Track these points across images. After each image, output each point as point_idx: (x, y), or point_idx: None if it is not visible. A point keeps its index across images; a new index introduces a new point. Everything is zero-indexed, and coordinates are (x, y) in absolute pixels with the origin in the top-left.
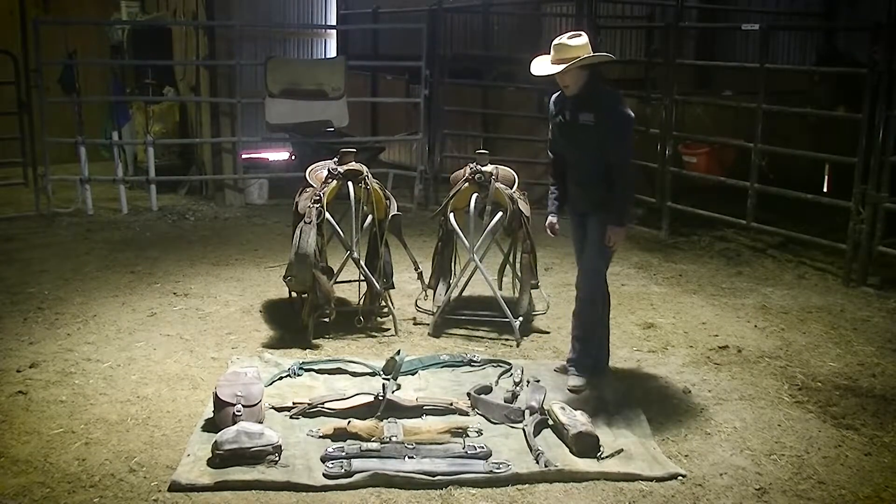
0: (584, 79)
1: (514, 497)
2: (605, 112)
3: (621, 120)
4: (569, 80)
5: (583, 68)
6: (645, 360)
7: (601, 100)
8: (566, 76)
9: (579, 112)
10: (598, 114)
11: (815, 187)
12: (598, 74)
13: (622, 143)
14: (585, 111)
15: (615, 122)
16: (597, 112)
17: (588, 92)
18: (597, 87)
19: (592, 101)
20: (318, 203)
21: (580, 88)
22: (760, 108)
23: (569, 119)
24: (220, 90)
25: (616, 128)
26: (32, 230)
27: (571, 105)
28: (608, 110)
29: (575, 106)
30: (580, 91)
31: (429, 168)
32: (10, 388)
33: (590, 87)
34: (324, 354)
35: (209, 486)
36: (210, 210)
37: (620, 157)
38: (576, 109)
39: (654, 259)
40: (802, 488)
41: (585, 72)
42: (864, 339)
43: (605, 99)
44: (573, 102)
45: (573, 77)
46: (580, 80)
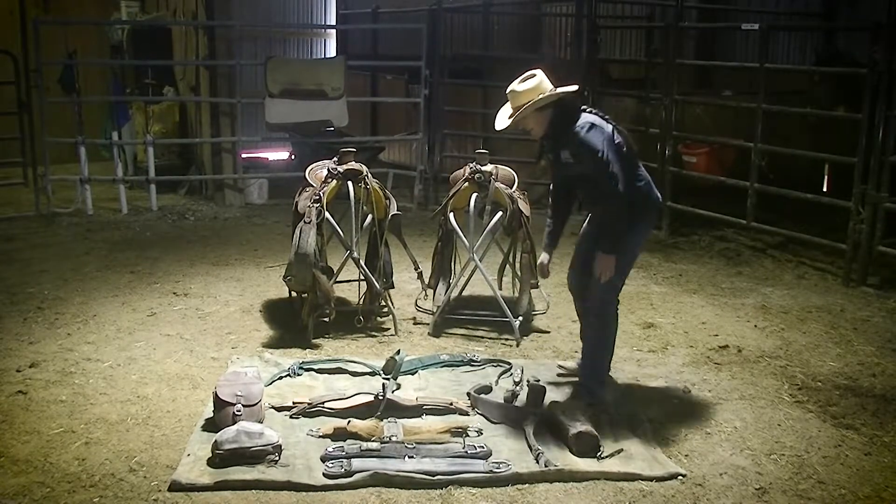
0: (547, 119)
1: (513, 497)
2: (575, 146)
3: (592, 151)
4: (531, 125)
5: (542, 109)
6: (645, 360)
7: (570, 135)
8: (527, 122)
9: (558, 151)
10: (572, 149)
11: (815, 187)
12: (563, 110)
13: (602, 171)
14: (563, 149)
15: (588, 156)
16: (571, 148)
17: (556, 130)
18: (565, 121)
19: (564, 138)
20: (317, 203)
21: (548, 129)
22: (760, 108)
23: (553, 159)
24: (219, 90)
25: (591, 159)
26: (32, 230)
27: (549, 146)
28: (578, 145)
29: (553, 146)
30: (549, 131)
31: (428, 168)
32: (10, 388)
33: (556, 125)
34: (324, 354)
35: (209, 485)
36: (210, 210)
37: (603, 184)
38: (555, 149)
39: (654, 259)
40: (802, 488)
41: (547, 111)
42: (864, 338)
43: (573, 133)
44: (550, 143)
45: (534, 121)
46: (543, 121)
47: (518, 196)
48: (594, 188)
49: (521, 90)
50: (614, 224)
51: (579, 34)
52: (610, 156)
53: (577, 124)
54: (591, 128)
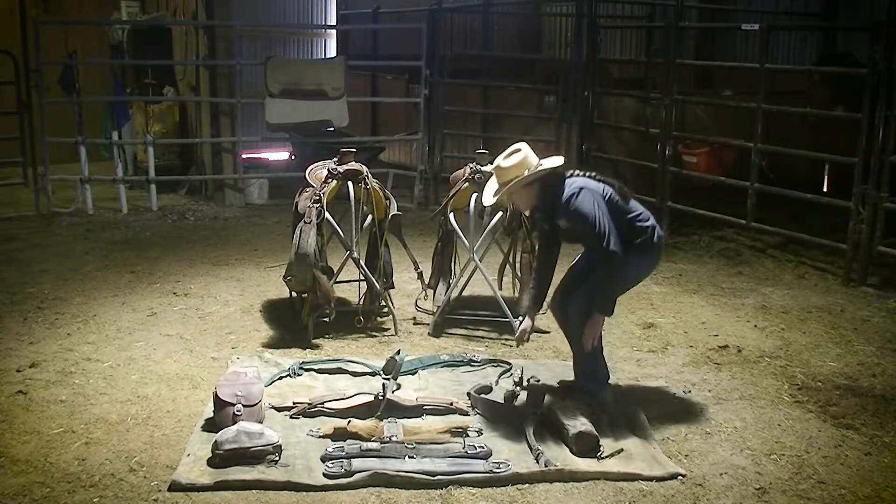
0: (535, 192)
1: (514, 497)
2: (567, 216)
3: (584, 219)
4: (518, 200)
5: (529, 184)
6: (645, 360)
7: (561, 203)
8: (514, 197)
9: (554, 219)
10: (566, 218)
11: (815, 187)
12: (549, 182)
13: (595, 236)
14: (557, 217)
15: (580, 223)
16: (567, 217)
17: (546, 202)
18: (552, 193)
19: (555, 208)
20: (317, 203)
21: (537, 201)
22: (760, 108)
23: (549, 229)
24: (219, 90)
25: (583, 225)
26: (32, 230)
27: (542, 217)
28: (570, 214)
29: (547, 216)
30: (539, 203)
31: (429, 168)
32: (10, 388)
33: (545, 195)
34: (324, 354)
35: (209, 485)
36: (210, 210)
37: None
38: (549, 217)
39: None
40: (802, 488)
41: (534, 186)
42: (864, 338)
43: (564, 204)
44: (542, 214)
45: (521, 196)
46: (531, 195)
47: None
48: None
49: (506, 166)
50: (609, 285)
51: (579, 34)
52: (603, 220)
53: (566, 193)
54: (580, 192)
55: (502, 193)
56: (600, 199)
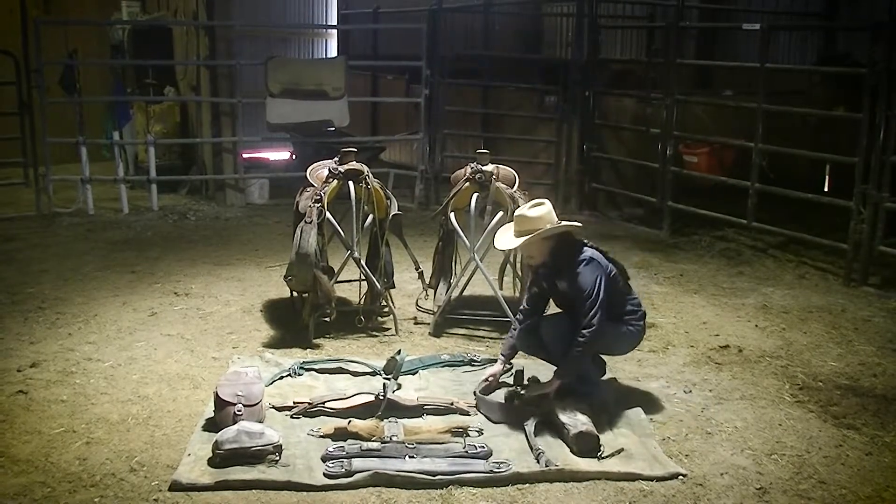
0: (549, 247)
1: (514, 497)
2: (572, 282)
3: (583, 289)
4: (533, 251)
5: (546, 239)
6: (646, 360)
7: (569, 266)
8: (530, 248)
9: (555, 279)
10: (569, 282)
11: (815, 187)
12: (566, 242)
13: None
14: (560, 278)
15: (579, 292)
16: (569, 280)
17: (556, 260)
18: (565, 254)
19: (563, 269)
20: (318, 203)
21: (547, 257)
22: (761, 108)
23: (548, 287)
24: (220, 90)
25: (582, 289)
26: (33, 230)
27: (547, 272)
28: (574, 279)
29: (550, 273)
30: (549, 260)
31: (429, 168)
32: (10, 388)
33: (558, 256)
34: (324, 354)
35: (210, 485)
36: (211, 210)
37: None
38: (552, 277)
39: (655, 259)
40: (803, 488)
41: (550, 241)
42: (864, 338)
43: (573, 267)
44: (548, 270)
45: (537, 248)
46: (545, 249)
47: (519, 196)
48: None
49: (531, 216)
50: (581, 356)
51: (580, 34)
52: (598, 297)
53: (577, 259)
54: (589, 262)
55: (526, 241)
56: (603, 276)
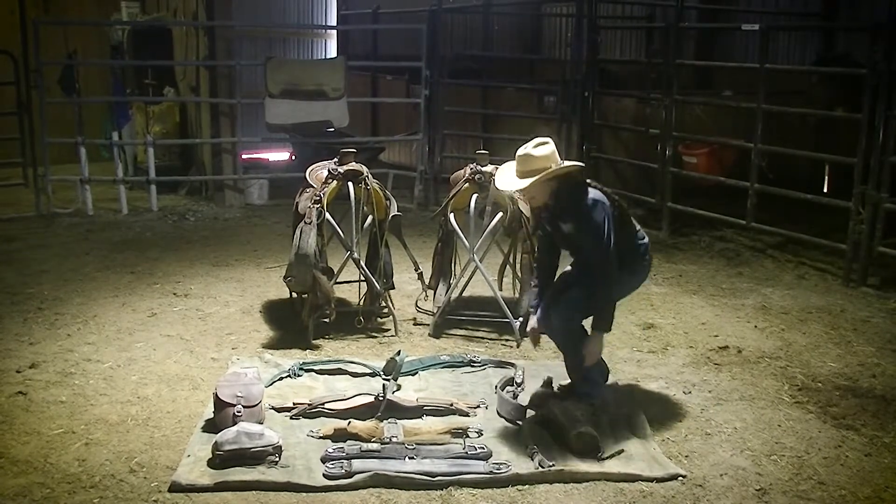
0: (552, 189)
1: (514, 498)
2: (576, 222)
3: (595, 231)
4: (535, 193)
5: (550, 179)
6: (645, 361)
7: (574, 208)
8: (532, 189)
9: (559, 221)
10: (574, 223)
11: (815, 187)
12: (570, 183)
13: (596, 249)
14: (564, 220)
15: (590, 234)
16: (573, 222)
17: (559, 201)
18: (567, 195)
19: (567, 211)
20: (318, 203)
21: (550, 198)
22: (760, 109)
23: (552, 230)
24: (220, 90)
25: (591, 238)
26: (32, 231)
27: (549, 215)
28: (582, 222)
29: (553, 215)
30: (551, 201)
31: (429, 168)
32: (9, 389)
33: (562, 198)
34: (324, 355)
35: (209, 486)
36: (210, 210)
37: (596, 261)
38: (555, 219)
39: (654, 259)
40: (803, 489)
41: (553, 182)
42: (864, 339)
43: (576, 208)
44: (550, 212)
45: (540, 189)
46: (548, 190)
47: (518, 197)
48: (587, 260)
49: (536, 155)
50: (606, 302)
51: (579, 34)
52: (610, 237)
53: (583, 200)
54: (596, 204)
55: (533, 183)
56: (609, 218)
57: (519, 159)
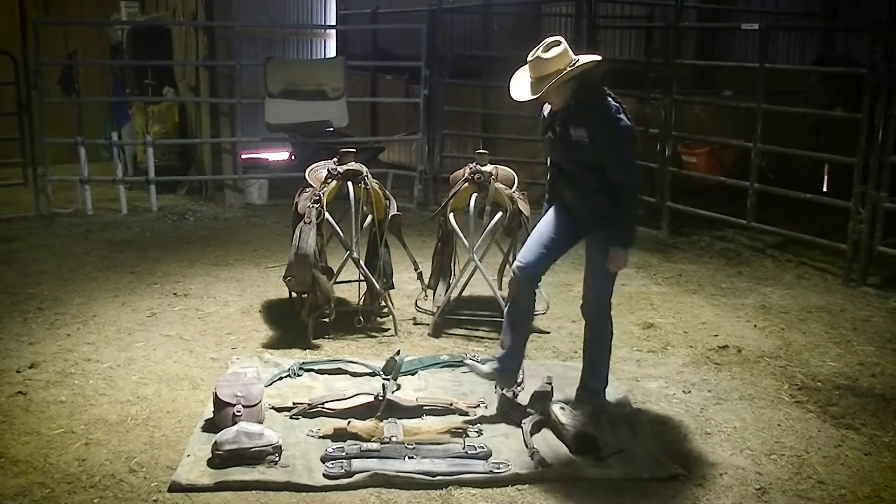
0: (569, 90)
1: (513, 497)
2: (599, 126)
3: (619, 134)
4: (554, 97)
5: (568, 81)
6: (645, 360)
7: (594, 112)
8: (549, 94)
9: (571, 126)
10: (591, 128)
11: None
12: (586, 81)
13: (623, 158)
14: (577, 126)
15: (613, 137)
16: (590, 126)
17: (577, 104)
18: (587, 96)
19: (584, 113)
20: (317, 203)
21: (567, 101)
22: (760, 108)
23: (560, 134)
24: (219, 90)
25: (614, 143)
26: (32, 231)
27: (561, 119)
28: (603, 124)
29: (565, 119)
30: (568, 104)
31: (428, 168)
32: (9, 389)
33: (579, 98)
34: (324, 355)
35: (209, 486)
36: (210, 210)
37: (623, 174)
38: (566, 123)
39: (654, 259)
40: (802, 488)
41: (571, 82)
42: (863, 338)
43: (599, 111)
44: (563, 116)
45: (557, 93)
46: (565, 92)
47: (518, 196)
48: (593, 177)
49: (549, 57)
50: (630, 215)
51: (579, 34)
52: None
53: (606, 103)
54: (619, 110)
55: (549, 87)
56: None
57: (531, 65)
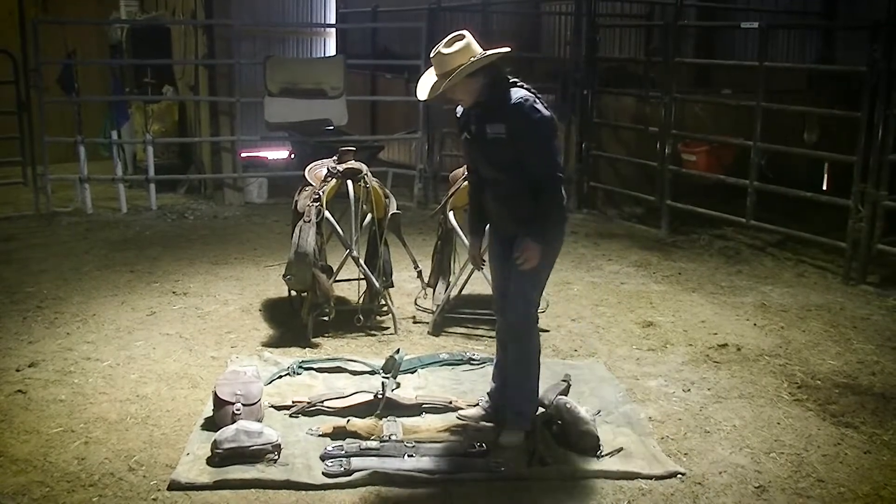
0: (479, 86)
1: (513, 495)
2: (515, 120)
3: (537, 126)
4: (460, 93)
5: (472, 75)
6: (644, 359)
7: (508, 106)
8: (454, 90)
9: (486, 124)
10: (508, 123)
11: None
12: (498, 75)
13: (543, 151)
14: (493, 122)
15: (530, 130)
16: (506, 121)
17: (490, 100)
18: (499, 91)
19: (499, 109)
20: (317, 202)
21: (479, 97)
22: (759, 107)
23: (476, 133)
24: (219, 89)
25: (533, 136)
26: (31, 230)
27: (476, 117)
28: (519, 117)
29: (480, 117)
30: (480, 100)
31: (428, 167)
32: (9, 388)
33: (491, 93)
34: (323, 353)
35: (208, 484)
36: (209, 209)
37: (544, 167)
38: (482, 121)
39: (654, 257)
40: (802, 486)
41: (478, 78)
42: (863, 337)
43: (513, 104)
44: (477, 114)
45: (463, 89)
46: (474, 88)
47: None
48: (516, 177)
49: (448, 53)
50: (550, 212)
51: (578, 33)
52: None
53: (520, 95)
54: (535, 101)
55: (446, 84)
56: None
57: (434, 61)
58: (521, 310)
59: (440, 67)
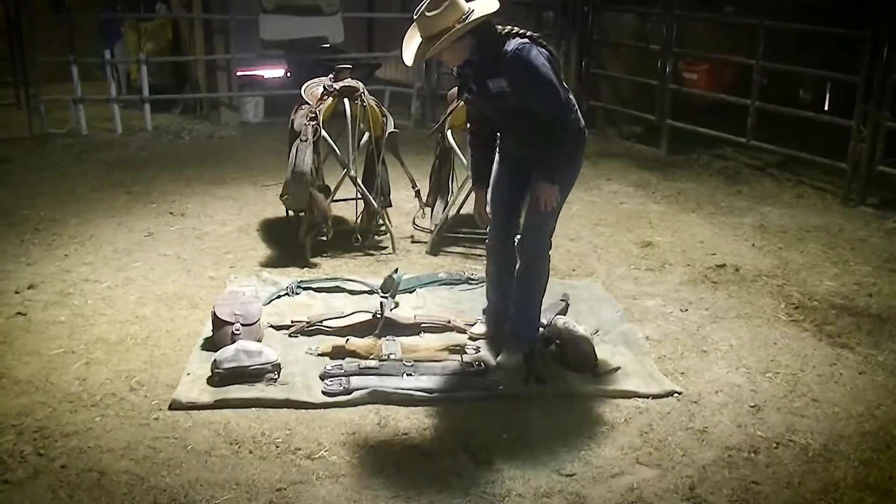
0: (468, 46)
1: (510, 414)
2: (514, 73)
3: (537, 74)
4: (448, 56)
5: (462, 38)
6: (642, 279)
7: (504, 60)
8: (444, 53)
9: (487, 80)
10: (507, 76)
11: (816, 106)
12: (487, 34)
13: (548, 96)
14: (493, 77)
15: (531, 80)
16: (505, 75)
17: (484, 57)
18: (491, 48)
19: (494, 64)
20: (314, 121)
21: (471, 56)
22: (762, 25)
23: (478, 90)
24: (212, 6)
25: (535, 85)
26: (26, 152)
27: (474, 74)
28: (518, 70)
29: (478, 74)
30: (472, 59)
31: (426, 85)
32: (9, 310)
33: (483, 52)
34: (321, 273)
35: (209, 404)
36: (205, 129)
37: (552, 111)
38: (481, 78)
39: (653, 177)
40: (797, 406)
41: (467, 39)
42: (861, 258)
43: (509, 57)
44: (473, 72)
45: (453, 52)
46: (463, 49)
47: None
48: (527, 120)
49: (432, 15)
50: (561, 152)
51: None
52: (555, 78)
53: (514, 46)
54: (530, 48)
55: (433, 51)
56: (550, 61)
57: (417, 24)
58: (537, 240)
59: (425, 30)
